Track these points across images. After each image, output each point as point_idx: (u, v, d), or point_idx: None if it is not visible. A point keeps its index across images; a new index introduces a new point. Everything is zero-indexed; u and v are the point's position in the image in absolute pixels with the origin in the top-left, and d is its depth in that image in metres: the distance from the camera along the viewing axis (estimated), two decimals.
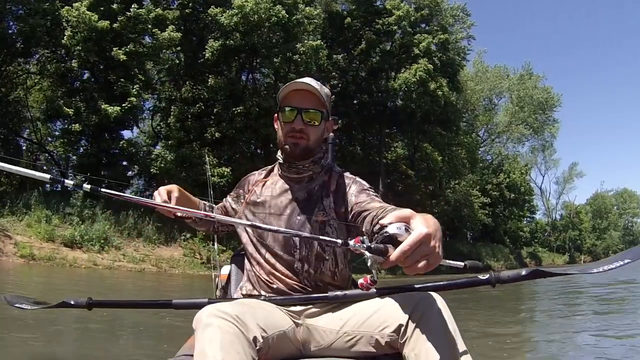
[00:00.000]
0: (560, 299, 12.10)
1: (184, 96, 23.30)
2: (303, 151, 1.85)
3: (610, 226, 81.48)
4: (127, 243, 18.25)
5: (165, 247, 19.52)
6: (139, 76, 21.77)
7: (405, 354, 1.49)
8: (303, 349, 1.72)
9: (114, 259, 16.54)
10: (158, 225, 19.71)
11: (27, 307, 2.13)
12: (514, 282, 1.64)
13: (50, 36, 21.14)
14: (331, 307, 1.75)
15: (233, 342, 1.36)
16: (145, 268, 16.69)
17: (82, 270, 14.70)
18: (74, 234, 16.49)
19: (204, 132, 22.34)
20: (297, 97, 1.83)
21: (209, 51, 22.28)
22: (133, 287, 12.03)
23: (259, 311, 1.55)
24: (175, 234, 20.02)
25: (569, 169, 73.17)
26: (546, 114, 46.92)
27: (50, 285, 10.77)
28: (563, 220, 73.37)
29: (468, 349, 1.47)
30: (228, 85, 22.57)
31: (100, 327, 5.76)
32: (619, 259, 1.54)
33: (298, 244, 1.83)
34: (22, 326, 5.03)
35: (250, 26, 22.20)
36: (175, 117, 23.18)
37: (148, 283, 13.60)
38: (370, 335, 1.59)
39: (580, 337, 6.34)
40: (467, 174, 38.70)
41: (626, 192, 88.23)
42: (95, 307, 1.98)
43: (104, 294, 9.79)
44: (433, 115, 29.26)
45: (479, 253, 43.22)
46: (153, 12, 21.57)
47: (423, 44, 27.81)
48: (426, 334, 1.45)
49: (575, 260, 68.42)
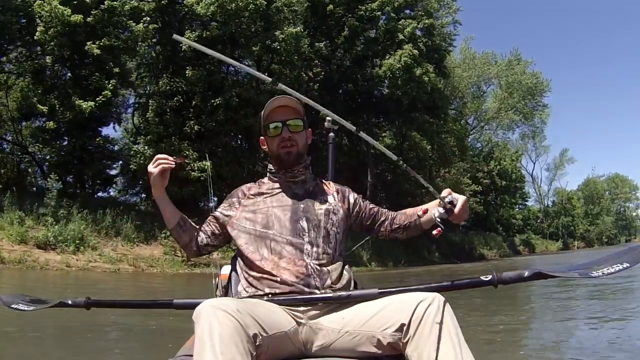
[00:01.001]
0: (556, 291, 11.86)
1: (162, 90, 22.60)
2: (296, 156, 2.01)
3: (603, 211, 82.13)
4: (105, 243, 17.56)
5: (145, 246, 18.87)
6: (114, 70, 21.08)
7: (407, 353, 1.53)
8: (305, 349, 1.72)
9: (89, 259, 15.83)
10: (137, 223, 19.08)
11: (23, 307, 2.07)
12: (516, 282, 1.70)
13: (25, 33, 20.51)
14: (334, 307, 1.77)
15: (232, 334, 1.37)
16: (120, 268, 15.95)
17: (53, 272, 14.00)
18: (47, 235, 15.78)
19: (183, 126, 21.65)
20: (278, 113, 2.01)
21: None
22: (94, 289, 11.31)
23: (260, 310, 1.56)
24: (155, 231, 19.38)
25: (560, 155, 73.79)
26: (535, 99, 46.38)
27: (12, 289, 10.12)
28: (555, 207, 73.96)
29: (470, 348, 1.48)
30: (207, 76, 21.83)
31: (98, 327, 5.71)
32: (618, 261, 1.61)
33: (306, 228, 1.91)
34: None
35: (228, 15, 21.50)
36: (153, 112, 22.49)
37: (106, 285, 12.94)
38: (372, 335, 1.61)
39: (578, 330, 6.40)
40: (457, 162, 38.18)
41: (618, 177, 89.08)
42: (93, 307, 2.01)
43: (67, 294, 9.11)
44: (420, 102, 28.57)
45: (471, 242, 42.99)
46: (128, 4, 20.93)
47: (408, 30, 27.10)
48: (429, 334, 1.49)
49: (569, 246, 69.06)
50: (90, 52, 19.42)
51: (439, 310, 1.52)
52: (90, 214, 17.96)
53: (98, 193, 23.86)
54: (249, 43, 22.38)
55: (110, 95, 20.08)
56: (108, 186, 24.80)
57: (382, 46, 28.33)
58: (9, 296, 2.18)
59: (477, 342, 5.58)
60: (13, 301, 2.10)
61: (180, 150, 20.96)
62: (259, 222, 1.93)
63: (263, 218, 1.94)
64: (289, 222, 1.91)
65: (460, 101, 43.51)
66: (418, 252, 31.47)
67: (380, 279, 16.51)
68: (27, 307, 2.08)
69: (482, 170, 47.14)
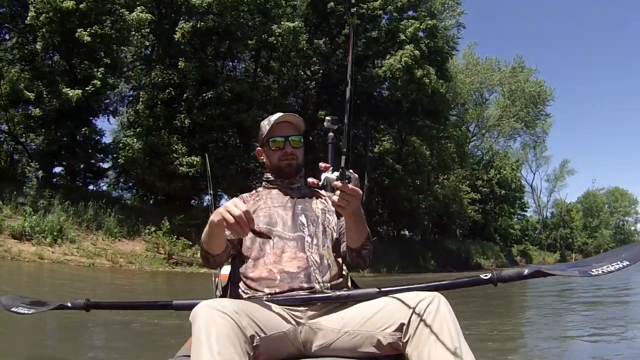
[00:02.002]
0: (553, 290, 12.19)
1: (155, 81, 21.98)
2: (296, 168, 2.12)
3: (602, 224, 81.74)
4: (85, 236, 16.86)
5: (127, 241, 18.17)
6: (104, 60, 20.45)
7: (407, 353, 1.54)
8: (304, 349, 1.72)
9: (65, 252, 15.10)
10: (121, 217, 18.41)
11: (23, 310, 2.07)
12: (516, 281, 1.71)
13: (17, 20, 20.11)
14: (333, 307, 1.77)
15: (229, 335, 1.38)
16: (97, 263, 15.16)
17: (24, 264, 13.29)
18: (24, 224, 15.08)
19: (174, 119, 21.01)
20: (282, 128, 2.09)
21: (180, 32, 20.92)
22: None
23: (258, 311, 1.58)
24: (139, 227, 18.74)
25: (560, 166, 73.37)
26: (538, 108, 45.69)
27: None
28: (554, 218, 73.60)
29: (471, 348, 1.47)
30: (199, 69, 21.17)
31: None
32: (617, 259, 1.57)
33: (306, 222, 1.98)
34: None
35: (225, 7, 20.89)
36: (144, 104, 21.89)
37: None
38: (372, 335, 1.62)
39: (573, 331, 6.52)
40: (457, 169, 37.57)
41: (618, 191, 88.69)
42: (92, 308, 2.07)
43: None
44: (420, 106, 27.84)
45: (468, 250, 42.41)
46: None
47: (410, 30, 26.35)
48: (429, 333, 1.49)
49: (567, 258, 68.63)
50: (81, 39, 18.84)
51: (438, 310, 1.52)
52: (73, 205, 17.28)
53: (89, 186, 23.33)
54: (245, 36, 21.72)
55: (99, 84, 19.36)
56: (99, 179, 24.24)
57: (384, 46, 27.65)
58: (8, 298, 2.17)
59: (475, 342, 5.37)
60: (12, 304, 2.11)
61: (170, 144, 20.37)
62: (262, 221, 1.96)
63: (266, 217, 1.98)
64: (290, 219, 1.97)
65: (462, 107, 42.82)
66: (413, 258, 30.83)
67: (372, 285, 15.54)
68: (27, 310, 2.09)
69: (481, 179, 46.51)
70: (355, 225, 1.81)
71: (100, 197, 19.17)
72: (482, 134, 48.32)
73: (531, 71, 45.56)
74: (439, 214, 37.84)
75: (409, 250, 30.75)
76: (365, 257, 1.92)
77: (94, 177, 23.30)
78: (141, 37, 22.62)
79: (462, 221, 43.08)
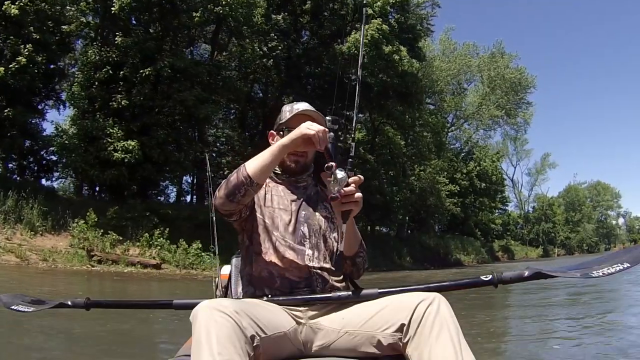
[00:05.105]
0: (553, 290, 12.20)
1: (91, 60, 19.62)
2: (302, 167, 2.01)
3: (584, 219, 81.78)
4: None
5: (51, 236, 16.01)
6: (33, 35, 18.25)
7: (407, 353, 1.53)
8: (304, 349, 1.71)
9: None
10: (44, 209, 16.12)
11: (24, 309, 2.02)
12: (516, 282, 1.67)
13: None
14: (334, 307, 1.75)
15: (229, 335, 1.36)
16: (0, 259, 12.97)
17: None
18: None
19: (110, 100, 18.72)
20: (301, 121, 1.85)
21: (118, 4, 18.61)
22: None
23: (259, 310, 1.55)
24: (67, 220, 16.44)
25: (541, 159, 73.08)
26: (519, 96, 43.85)
27: None
28: (536, 213, 73.25)
29: (471, 348, 1.46)
30: (139, 43, 18.86)
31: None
32: (618, 261, 1.56)
33: (307, 234, 1.89)
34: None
35: None
36: (80, 85, 19.54)
37: None
38: (372, 335, 1.61)
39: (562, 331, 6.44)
40: (434, 159, 35.55)
41: (600, 185, 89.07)
42: (93, 307, 2.01)
43: None
44: (391, 88, 25.77)
45: (447, 246, 40.71)
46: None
47: (378, 4, 24.32)
48: (429, 334, 1.47)
49: (549, 253, 68.35)
50: (7, 12, 17.19)
51: (439, 310, 1.50)
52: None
53: (41, 180, 21.21)
54: (189, 7, 19.47)
55: (25, 62, 17.31)
56: (50, 173, 21.95)
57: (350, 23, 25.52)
58: (9, 297, 2.13)
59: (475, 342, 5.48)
60: (13, 302, 2.06)
61: (105, 128, 18.09)
62: (267, 216, 1.90)
63: (269, 216, 1.91)
64: (291, 227, 1.89)
65: (439, 96, 40.76)
66: (386, 254, 28.75)
67: (377, 282, 13.97)
68: (27, 308, 2.04)
69: (460, 171, 44.98)
70: (352, 230, 1.82)
71: (20, 186, 16.90)
72: (460, 123, 46.40)
73: (512, 57, 43.76)
74: (415, 208, 35.88)
75: (383, 247, 28.68)
76: (360, 265, 1.92)
77: (44, 171, 21.33)
78: (78, 13, 20.40)
79: (441, 215, 41.42)
